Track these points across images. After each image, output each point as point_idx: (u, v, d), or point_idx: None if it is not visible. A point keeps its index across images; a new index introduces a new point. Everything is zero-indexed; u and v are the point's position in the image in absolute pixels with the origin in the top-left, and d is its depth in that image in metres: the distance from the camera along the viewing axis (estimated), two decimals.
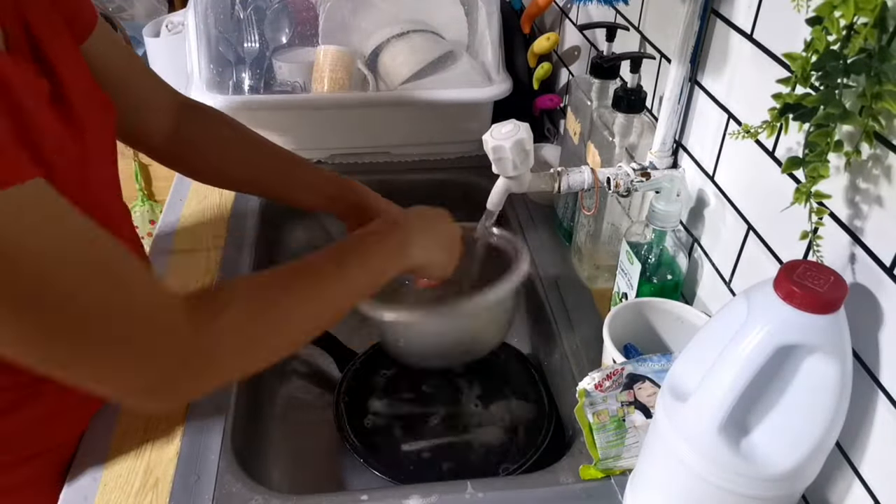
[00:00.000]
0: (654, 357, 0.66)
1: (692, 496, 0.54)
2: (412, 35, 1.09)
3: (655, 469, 0.58)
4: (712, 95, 0.72)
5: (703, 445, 0.51)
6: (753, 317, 0.49)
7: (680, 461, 0.53)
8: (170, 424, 0.70)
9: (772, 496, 0.52)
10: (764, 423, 0.51)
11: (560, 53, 1.17)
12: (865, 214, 0.52)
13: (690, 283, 0.79)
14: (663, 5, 0.80)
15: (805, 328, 0.47)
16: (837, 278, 0.48)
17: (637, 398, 0.64)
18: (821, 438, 0.49)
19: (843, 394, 0.49)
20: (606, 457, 0.65)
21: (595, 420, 0.64)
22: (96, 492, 0.64)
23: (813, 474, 0.53)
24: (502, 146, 0.68)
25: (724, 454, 0.50)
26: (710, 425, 0.50)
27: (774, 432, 0.51)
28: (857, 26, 0.43)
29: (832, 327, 0.48)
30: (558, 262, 0.95)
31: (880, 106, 0.44)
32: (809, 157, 0.48)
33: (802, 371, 0.49)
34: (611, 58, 0.86)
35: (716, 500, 0.53)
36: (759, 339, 0.48)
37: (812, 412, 0.49)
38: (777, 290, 0.48)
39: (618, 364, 0.65)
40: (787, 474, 0.50)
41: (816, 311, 0.47)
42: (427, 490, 0.65)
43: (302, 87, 1.10)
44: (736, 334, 0.49)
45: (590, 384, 0.64)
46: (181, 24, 1.40)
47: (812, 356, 0.48)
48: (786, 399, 0.50)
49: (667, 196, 0.73)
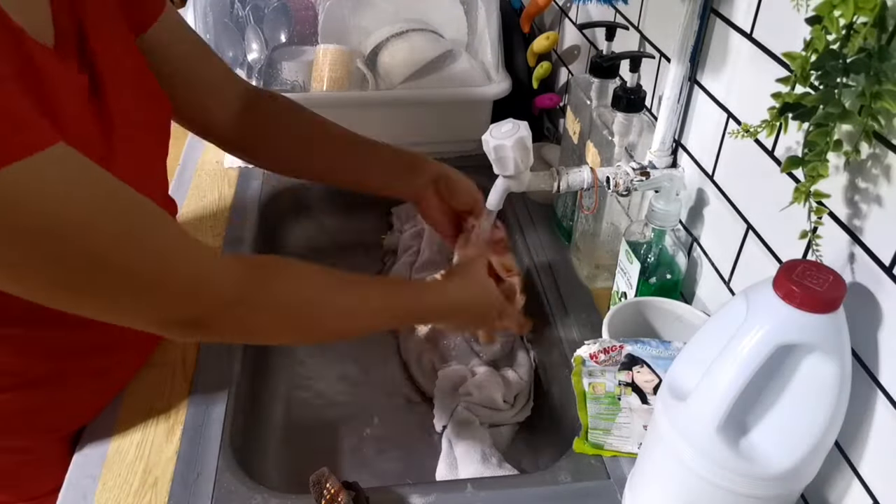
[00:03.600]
0: (652, 342, 0.67)
1: (691, 495, 0.54)
2: (411, 34, 1.09)
3: (654, 468, 0.58)
4: (712, 95, 0.72)
5: (702, 444, 0.51)
6: (753, 316, 0.49)
7: (679, 460, 0.53)
8: (169, 423, 0.70)
9: (771, 495, 0.52)
10: (763, 423, 0.51)
11: (559, 53, 1.17)
12: (865, 214, 0.52)
13: (690, 282, 0.79)
14: (663, 4, 0.80)
15: (804, 327, 0.47)
16: (836, 278, 0.48)
17: (635, 381, 0.65)
18: (819, 438, 0.49)
19: (842, 393, 0.49)
20: (595, 427, 0.65)
21: (590, 390, 0.64)
22: (96, 491, 0.64)
23: (812, 474, 0.53)
24: (504, 145, 0.68)
25: (723, 453, 0.50)
26: (709, 424, 0.50)
27: (773, 432, 0.51)
28: (857, 26, 0.43)
29: (831, 327, 0.48)
30: (558, 262, 0.95)
31: (879, 105, 0.44)
32: (809, 156, 0.48)
33: (802, 370, 0.49)
34: (610, 57, 0.86)
35: (715, 500, 0.53)
36: (759, 339, 0.48)
37: (811, 412, 0.49)
38: (776, 290, 0.48)
39: (617, 341, 0.65)
40: (785, 474, 0.50)
41: (816, 311, 0.47)
42: (426, 489, 0.65)
43: (301, 86, 1.10)
44: (735, 333, 0.49)
45: (585, 353, 0.64)
46: None
47: (811, 355, 0.48)
48: (785, 399, 0.50)
49: (666, 195, 0.73)
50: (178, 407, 0.72)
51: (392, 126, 1.12)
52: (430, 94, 1.07)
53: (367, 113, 1.11)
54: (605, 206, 0.86)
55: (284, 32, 1.13)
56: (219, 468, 0.66)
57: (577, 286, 0.91)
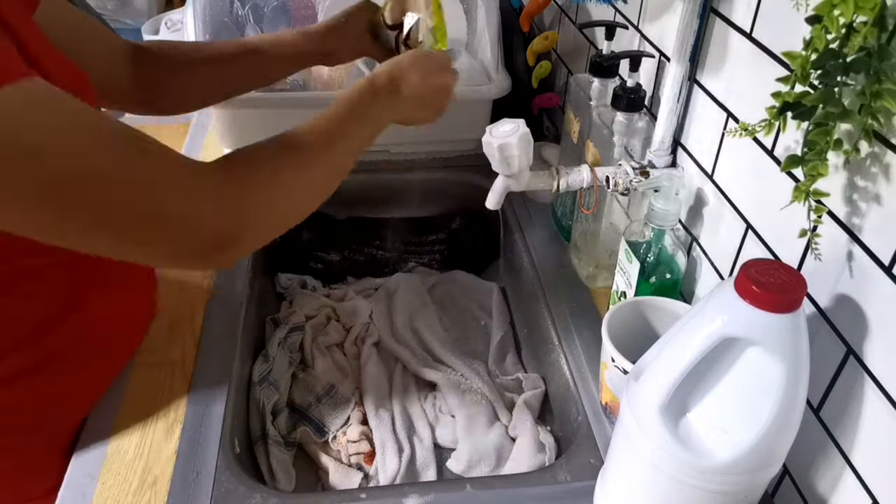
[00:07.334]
0: None
1: (644, 479, 0.55)
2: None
3: (615, 448, 0.60)
4: (711, 94, 0.72)
5: (647, 425, 0.52)
6: (709, 306, 0.50)
7: (628, 437, 0.55)
8: (169, 422, 0.70)
9: (715, 489, 0.52)
10: (706, 414, 0.52)
11: (559, 52, 1.17)
12: (864, 213, 0.52)
13: (689, 281, 0.79)
14: (662, 4, 0.80)
15: (753, 324, 0.48)
16: (798, 281, 0.48)
17: None
18: (761, 437, 0.49)
19: (789, 395, 0.49)
20: None
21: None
22: (95, 490, 0.64)
23: (761, 475, 0.53)
24: (510, 143, 0.68)
25: (664, 436, 0.51)
26: (653, 405, 0.51)
27: (715, 424, 0.51)
28: (857, 25, 0.43)
29: (784, 327, 0.48)
30: (557, 261, 0.95)
31: (879, 104, 0.44)
32: (808, 155, 0.48)
33: (748, 367, 0.50)
34: (610, 56, 0.85)
35: (663, 487, 0.54)
36: (707, 328, 0.49)
37: (753, 409, 0.50)
38: (735, 284, 0.48)
39: None
40: (725, 467, 0.50)
41: (768, 309, 0.47)
42: (425, 489, 0.65)
43: (301, 85, 1.10)
44: (689, 320, 0.51)
45: None
46: (180, 21, 1.40)
47: (759, 353, 0.49)
48: (730, 393, 0.51)
49: (666, 195, 0.73)
50: (177, 406, 0.72)
51: (391, 125, 1.12)
52: None
53: None
54: (605, 205, 0.86)
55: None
56: (218, 467, 0.66)
57: (577, 286, 0.91)
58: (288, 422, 0.82)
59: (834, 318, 0.56)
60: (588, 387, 0.77)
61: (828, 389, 0.57)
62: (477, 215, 1.06)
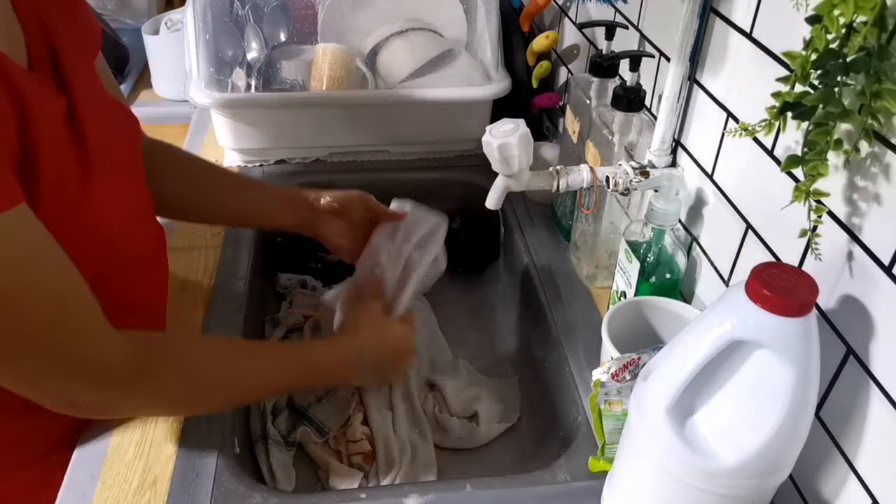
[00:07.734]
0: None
1: (652, 482, 0.55)
2: (411, 33, 1.09)
3: (623, 451, 0.59)
4: (711, 94, 0.72)
5: (654, 425, 0.52)
6: (720, 308, 0.50)
7: (641, 444, 0.54)
8: (168, 422, 0.70)
9: (721, 493, 0.52)
10: (712, 416, 0.52)
11: (559, 52, 1.17)
12: (864, 213, 0.52)
13: (689, 281, 0.79)
14: (662, 4, 0.80)
15: (763, 327, 0.47)
16: (810, 286, 0.48)
17: None
18: (769, 441, 0.49)
19: (798, 399, 0.48)
20: (612, 442, 0.65)
21: (606, 407, 0.64)
22: (95, 489, 0.64)
23: (769, 481, 0.52)
24: (510, 143, 0.68)
25: (669, 435, 0.51)
26: (661, 405, 0.51)
27: (719, 427, 0.51)
28: (857, 25, 0.43)
29: (795, 331, 0.47)
30: (557, 261, 0.95)
31: (879, 104, 0.44)
32: (809, 155, 0.48)
33: (757, 371, 0.49)
34: (610, 56, 0.86)
35: (670, 490, 0.54)
36: (716, 329, 0.49)
37: (761, 413, 0.49)
38: (746, 287, 0.48)
39: (634, 354, 0.65)
40: (729, 471, 0.50)
41: (779, 313, 0.47)
42: (425, 489, 0.65)
43: (301, 85, 1.10)
44: (700, 322, 0.50)
45: (606, 375, 0.63)
46: (180, 21, 1.40)
47: (768, 356, 0.48)
48: (739, 396, 0.51)
49: (666, 195, 0.73)
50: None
51: (392, 125, 1.12)
52: (430, 94, 1.07)
53: (367, 112, 1.11)
54: (605, 205, 0.86)
55: (284, 31, 1.12)
56: (218, 467, 0.66)
57: (577, 286, 0.91)
58: (288, 422, 0.82)
59: (834, 318, 0.56)
60: (588, 387, 0.76)
61: (828, 389, 0.57)
62: (477, 215, 1.06)
